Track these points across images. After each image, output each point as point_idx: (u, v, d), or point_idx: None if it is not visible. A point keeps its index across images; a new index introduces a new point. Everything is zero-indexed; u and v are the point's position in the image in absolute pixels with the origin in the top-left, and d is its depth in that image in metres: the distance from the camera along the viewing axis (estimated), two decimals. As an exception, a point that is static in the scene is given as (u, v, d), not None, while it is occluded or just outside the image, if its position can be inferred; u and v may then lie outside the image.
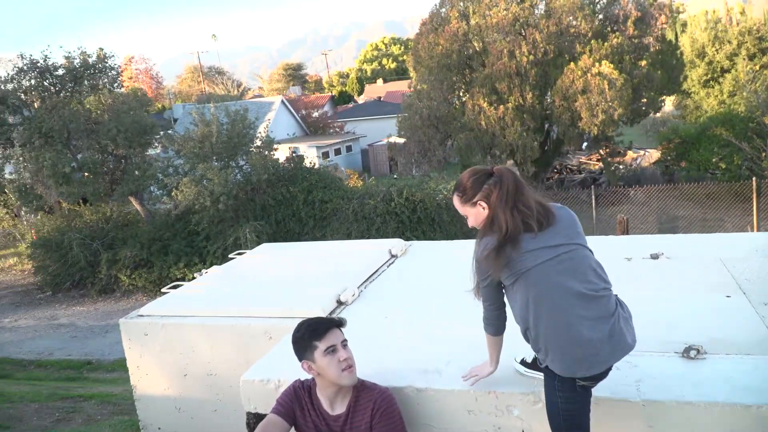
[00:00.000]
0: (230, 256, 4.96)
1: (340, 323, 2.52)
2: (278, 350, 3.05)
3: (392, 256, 4.52)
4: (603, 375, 2.29)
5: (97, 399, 6.99)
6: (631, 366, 2.62)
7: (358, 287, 3.83)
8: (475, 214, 2.33)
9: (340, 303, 3.57)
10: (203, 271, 4.63)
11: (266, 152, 15.39)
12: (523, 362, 2.68)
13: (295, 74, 64.73)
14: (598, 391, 2.44)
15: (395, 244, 4.66)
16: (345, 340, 2.49)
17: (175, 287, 4.21)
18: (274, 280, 4.13)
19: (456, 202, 2.38)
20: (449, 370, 2.70)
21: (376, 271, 4.20)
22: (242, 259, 4.81)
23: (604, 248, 4.13)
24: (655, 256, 4.00)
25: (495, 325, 2.45)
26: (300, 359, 2.48)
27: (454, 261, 4.39)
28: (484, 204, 2.29)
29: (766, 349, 2.65)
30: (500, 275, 2.26)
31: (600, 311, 2.22)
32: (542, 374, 2.40)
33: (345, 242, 5.58)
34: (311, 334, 2.44)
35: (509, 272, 2.23)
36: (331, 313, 3.45)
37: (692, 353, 2.64)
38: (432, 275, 4.14)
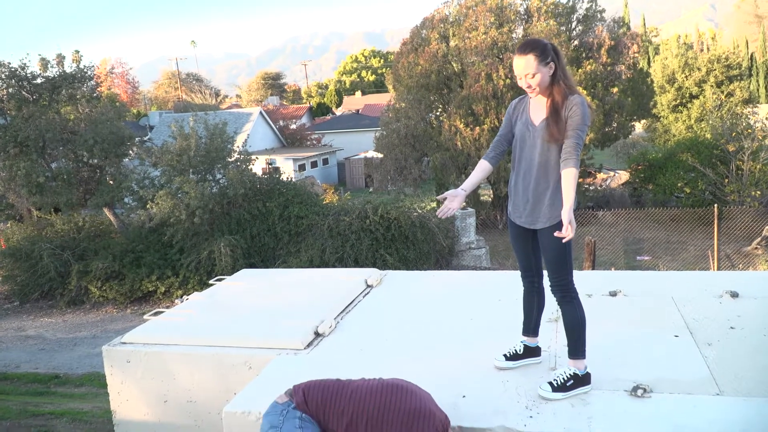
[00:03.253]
0: (210, 282, 5.09)
1: None
2: (258, 381, 3.23)
3: (368, 286, 4.72)
4: None
5: (68, 416, 6.98)
6: (584, 403, 2.87)
7: (335, 318, 4.02)
8: (544, 73, 2.81)
9: (317, 335, 3.76)
10: (185, 297, 4.76)
11: (243, 166, 15.48)
12: (507, 357, 3.23)
13: (273, 83, 64.82)
14: (552, 426, 2.69)
15: (371, 273, 4.86)
16: None
17: (157, 314, 4.35)
18: (253, 309, 4.30)
19: (530, 62, 2.80)
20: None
21: (352, 301, 4.40)
22: (223, 286, 4.95)
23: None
24: (613, 294, 4.28)
25: None
26: None
27: (427, 292, 4.63)
28: (552, 65, 2.82)
29: (706, 390, 2.92)
30: None
31: None
32: (528, 361, 3.22)
33: (322, 270, 5.76)
34: None
35: None
36: (309, 345, 3.64)
37: (639, 392, 2.89)
38: (406, 307, 4.35)
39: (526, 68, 2.80)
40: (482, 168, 3.06)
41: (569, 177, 2.75)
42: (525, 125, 2.95)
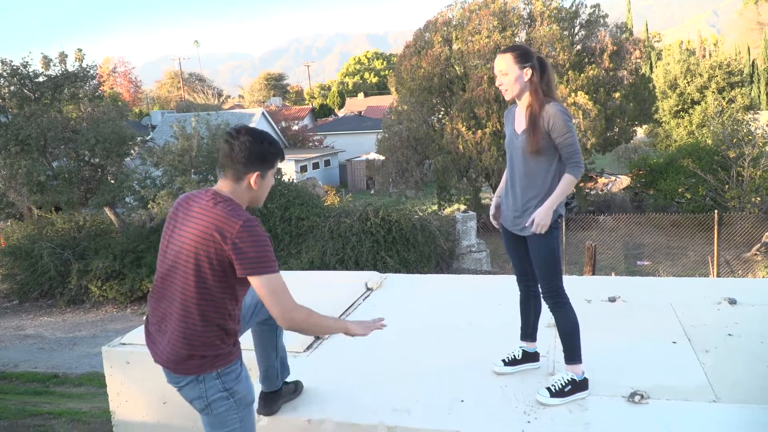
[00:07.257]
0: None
1: None
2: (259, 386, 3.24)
3: (368, 289, 4.74)
4: None
5: (66, 416, 6.98)
6: (582, 409, 2.88)
7: (334, 321, 4.03)
8: (517, 76, 2.81)
9: (317, 338, 3.77)
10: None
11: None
12: (505, 362, 3.23)
13: (276, 84, 64.86)
14: (549, 430, 2.70)
15: (371, 277, 4.87)
16: None
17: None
18: (253, 311, 4.31)
19: (507, 60, 2.82)
20: (417, 409, 2.93)
21: (353, 304, 4.42)
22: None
23: (567, 289, 4.41)
24: (612, 299, 4.29)
25: None
26: (253, 170, 2.33)
27: (427, 296, 4.65)
28: (529, 72, 2.80)
29: (703, 396, 2.93)
30: None
31: None
32: (526, 366, 3.23)
33: (322, 273, 5.78)
34: (280, 155, 2.43)
35: None
36: (309, 348, 3.65)
37: (636, 398, 2.90)
38: (406, 310, 4.37)
39: (500, 66, 2.85)
40: (505, 178, 3.19)
41: (564, 182, 2.84)
42: (511, 136, 3.01)
